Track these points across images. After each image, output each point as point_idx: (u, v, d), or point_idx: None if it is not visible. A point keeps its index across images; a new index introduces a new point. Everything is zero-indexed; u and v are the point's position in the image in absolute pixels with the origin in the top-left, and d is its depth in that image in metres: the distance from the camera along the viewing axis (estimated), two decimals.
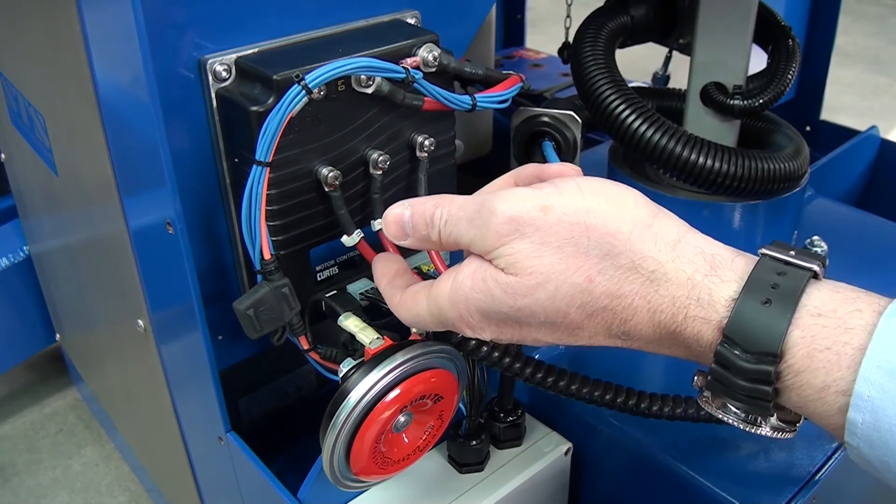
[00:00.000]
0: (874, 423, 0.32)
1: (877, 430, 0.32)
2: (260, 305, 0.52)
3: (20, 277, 1.11)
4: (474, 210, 0.39)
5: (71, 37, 0.57)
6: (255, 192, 0.50)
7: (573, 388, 0.52)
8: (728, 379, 0.35)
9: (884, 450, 0.32)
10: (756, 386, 0.35)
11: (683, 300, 0.36)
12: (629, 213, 0.37)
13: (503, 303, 0.38)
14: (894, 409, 0.31)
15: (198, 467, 0.76)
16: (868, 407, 0.32)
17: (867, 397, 0.32)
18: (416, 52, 0.55)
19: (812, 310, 0.34)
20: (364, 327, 0.51)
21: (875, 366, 0.32)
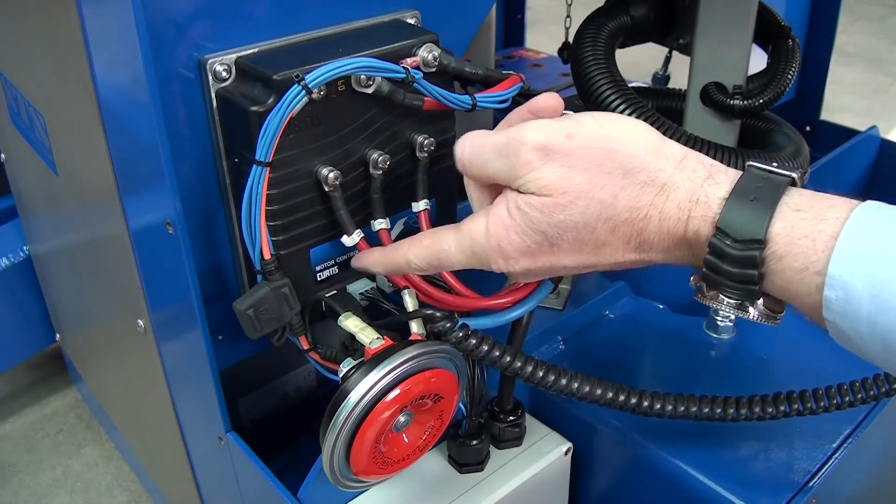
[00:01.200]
0: (845, 298, 0.37)
1: (847, 304, 0.37)
2: (260, 305, 0.52)
3: (20, 277, 1.11)
4: (502, 142, 0.43)
5: (71, 37, 0.57)
6: (254, 192, 0.50)
7: (573, 387, 0.52)
8: (720, 267, 0.41)
9: (854, 320, 0.37)
10: (744, 271, 0.40)
11: (686, 203, 0.41)
12: (642, 139, 0.42)
13: (541, 221, 0.42)
14: (861, 284, 0.36)
15: (198, 467, 0.76)
16: (839, 285, 0.37)
17: (839, 276, 0.37)
18: (416, 52, 0.55)
19: (792, 206, 0.40)
20: (364, 327, 0.51)
21: (845, 250, 0.37)
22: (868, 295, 0.36)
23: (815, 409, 0.56)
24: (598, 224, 0.42)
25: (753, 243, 0.39)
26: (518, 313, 0.53)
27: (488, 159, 0.44)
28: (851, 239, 0.37)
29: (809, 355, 0.69)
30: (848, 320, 0.38)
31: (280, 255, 0.54)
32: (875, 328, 0.37)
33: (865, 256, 0.36)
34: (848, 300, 0.37)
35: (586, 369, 0.53)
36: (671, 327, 0.75)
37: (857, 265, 0.37)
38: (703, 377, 0.70)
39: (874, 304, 0.36)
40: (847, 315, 0.37)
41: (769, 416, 0.56)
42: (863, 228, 0.37)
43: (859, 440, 0.62)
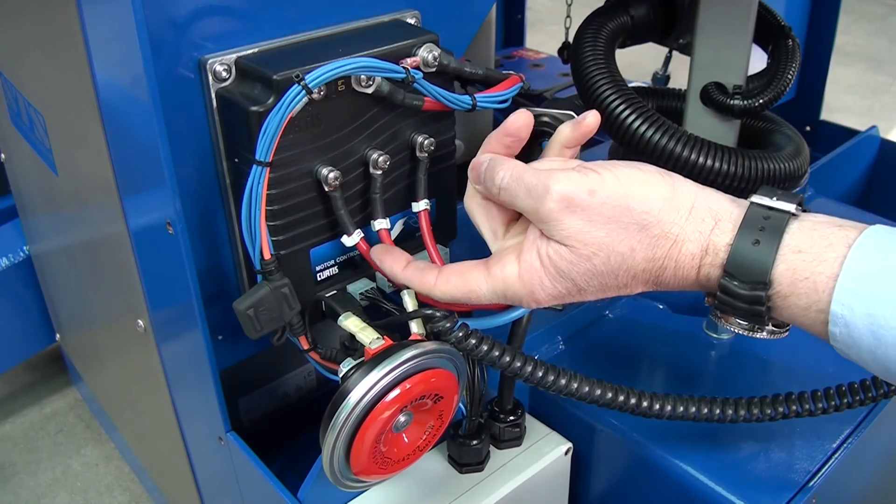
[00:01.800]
0: (847, 332, 0.41)
1: (850, 338, 0.41)
2: (260, 305, 0.52)
3: (20, 277, 1.11)
4: (532, 183, 0.46)
5: (71, 37, 0.57)
6: (254, 192, 0.50)
7: (573, 387, 0.52)
8: (731, 303, 0.44)
9: (857, 350, 0.41)
10: (753, 307, 0.44)
11: (697, 253, 0.45)
12: (656, 191, 0.46)
13: (571, 270, 0.46)
14: (861, 322, 0.40)
15: (198, 467, 0.76)
16: (842, 322, 0.41)
17: (840, 315, 0.41)
18: (416, 52, 0.55)
19: (793, 247, 0.43)
20: (364, 327, 0.51)
21: (844, 290, 0.41)
22: (868, 331, 0.40)
23: (813, 411, 0.56)
24: (620, 272, 0.46)
25: (759, 284, 0.43)
26: (518, 313, 0.53)
27: (519, 194, 0.47)
28: (850, 281, 0.41)
29: (809, 355, 0.70)
30: (852, 350, 0.42)
31: (280, 255, 0.54)
32: (876, 357, 0.41)
33: (863, 295, 0.40)
34: (850, 335, 0.41)
35: (586, 369, 0.53)
36: (671, 327, 0.75)
37: (857, 303, 0.40)
38: (703, 377, 0.70)
39: (874, 339, 0.40)
40: (850, 346, 0.42)
41: (769, 418, 0.56)
42: (860, 265, 0.41)
43: (859, 440, 0.62)
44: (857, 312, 0.41)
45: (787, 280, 0.43)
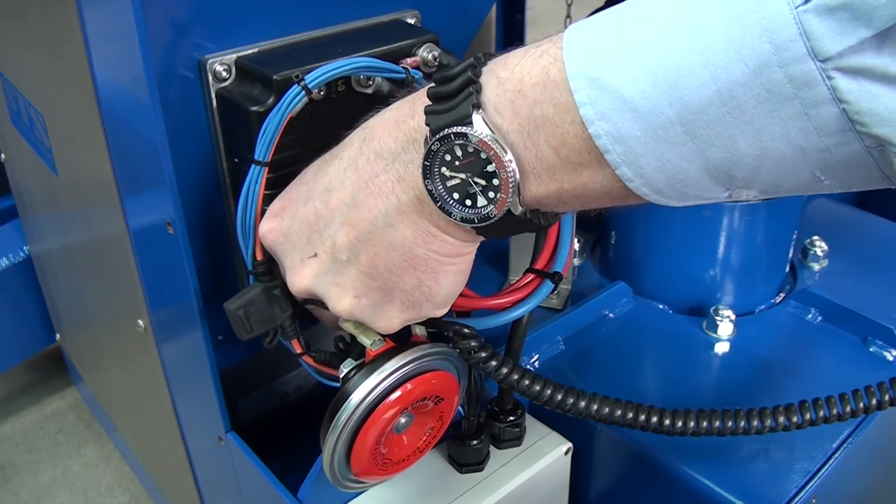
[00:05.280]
0: (614, 129, 0.33)
1: (621, 139, 0.33)
2: (251, 306, 0.52)
3: (20, 277, 1.11)
4: None
5: (71, 37, 0.57)
6: (252, 191, 0.50)
7: (615, 413, 0.50)
8: (438, 95, 0.37)
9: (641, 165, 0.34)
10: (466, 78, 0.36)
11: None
12: None
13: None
14: (610, 107, 0.32)
15: (198, 467, 0.76)
16: (597, 118, 0.33)
17: (588, 104, 0.33)
18: (416, 52, 0.55)
19: (495, 83, 0.36)
20: (364, 329, 0.51)
21: (577, 72, 0.33)
22: (628, 119, 0.32)
23: (842, 415, 0.53)
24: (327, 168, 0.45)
25: (465, 69, 0.36)
26: (518, 313, 0.53)
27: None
28: (578, 61, 0.33)
29: (809, 355, 0.70)
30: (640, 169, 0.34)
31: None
32: (663, 168, 0.33)
33: (597, 65, 0.33)
34: (618, 133, 0.33)
35: (586, 370, 0.53)
36: (671, 327, 0.75)
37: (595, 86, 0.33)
38: (703, 377, 0.70)
39: (641, 129, 0.32)
40: (633, 162, 0.33)
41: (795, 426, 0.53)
42: (580, 42, 0.34)
43: (859, 440, 0.62)
44: (605, 98, 0.32)
45: (506, 108, 0.35)
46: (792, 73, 0.29)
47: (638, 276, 0.78)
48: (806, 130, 0.30)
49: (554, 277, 0.51)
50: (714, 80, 0.30)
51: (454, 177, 0.38)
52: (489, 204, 0.37)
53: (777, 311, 0.76)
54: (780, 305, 0.77)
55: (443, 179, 0.38)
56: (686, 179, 0.34)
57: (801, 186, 0.33)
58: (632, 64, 0.32)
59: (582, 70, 0.33)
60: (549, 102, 0.34)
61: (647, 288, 0.78)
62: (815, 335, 0.73)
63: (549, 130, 0.35)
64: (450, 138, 0.37)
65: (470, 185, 0.38)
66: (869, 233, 0.87)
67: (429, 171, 0.38)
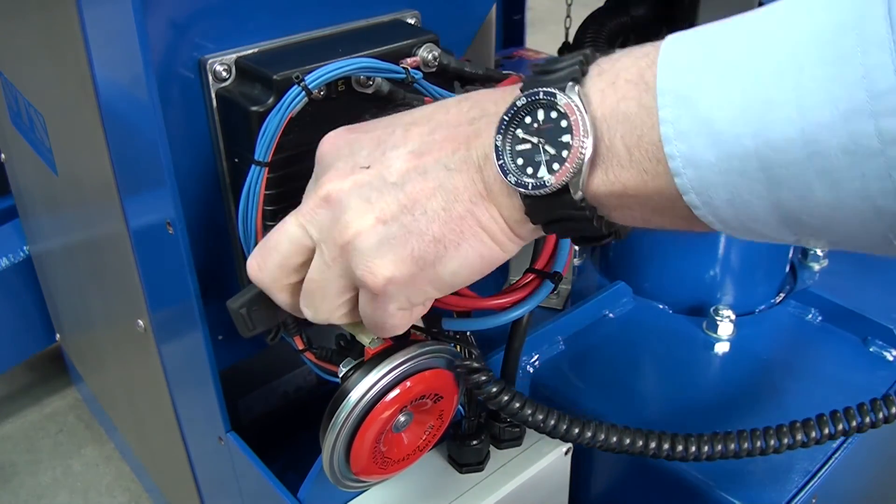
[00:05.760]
0: (690, 153, 0.33)
1: (695, 166, 0.33)
2: (253, 304, 0.52)
3: (20, 277, 1.11)
4: None
5: (71, 37, 0.57)
6: (252, 191, 0.50)
7: (623, 442, 0.49)
8: (541, 70, 0.38)
9: (711, 194, 0.33)
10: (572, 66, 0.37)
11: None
12: None
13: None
14: (696, 131, 0.32)
15: (198, 467, 0.76)
16: (677, 141, 0.33)
17: (671, 122, 0.33)
18: (416, 52, 0.55)
19: (592, 74, 0.36)
20: (363, 327, 0.51)
21: (666, 90, 0.33)
22: (712, 150, 0.32)
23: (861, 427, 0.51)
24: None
25: (575, 59, 0.37)
26: (518, 313, 0.53)
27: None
28: (670, 78, 0.33)
29: (809, 355, 0.70)
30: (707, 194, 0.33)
31: None
32: (733, 203, 0.33)
33: (689, 89, 0.32)
34: (693, 158, 0.33)
35: (586, 370, 0.53)
36: (671, 327, 0.75)
37: (685, 108, 0.33)
38: (703, 377, 0.70)
39: (719, 159, 0.32)
40: (703, 189, 0.33)
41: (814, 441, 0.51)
42: (678, 58, 0.33)
43: (859, 440, 0.62)
44: (687, 119, 0.32)
45: (598, 102, 0.35)
46: (882, 127, 0.28)
47: (638, 276, 0.78)
48: (885, 191, 0.29)
49: (554, 277, 0.51)
50: (801, 118, 0.29)
51: (526, 140, 0.38)
52: (549, 174, 0.37)
53: (777, 311, 0.76)
54: (780, 305, 0.77)
55: (514, 141, 0.38)
56: (754, 216, 0.33)
57: (873, 246, 0.32)
58: (723, 87, 0.31)
59: (672, 86, 0.33)
60: (635, 101, 0.34)
61: (647, 288, 0.78)
62: (815, 335, 0.73)
63: (628, 129, 0.35)
64: (538, 96, 0.37)
65: (538, 153, 0.38)
66: None
67: (504, 127, 0.38)
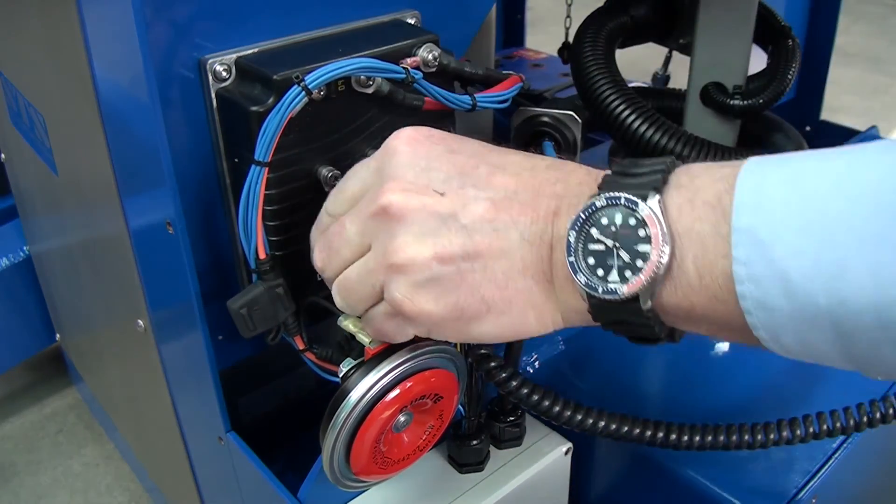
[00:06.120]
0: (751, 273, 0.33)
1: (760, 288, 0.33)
2: (254, 305, 0.52)
3: (20, 277, 1.11)
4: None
5: (71, 37, 0.57)
6: (252, 191, 0.50)
7: (635, 432, 0.48)
8: (622, 173, 0.37)
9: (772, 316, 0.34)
10: (654, 167, 0.36)
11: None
12: None
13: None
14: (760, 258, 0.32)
15: (198, 467, 0.76)
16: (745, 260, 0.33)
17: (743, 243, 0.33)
18: (416, 52, 0.55)
19: (672, 184, 0.36)
20: (364, 327, 0.51)
21: (743, 205, 0.33)
22: (776, 277, 0.32)
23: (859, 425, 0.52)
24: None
25: (656, 165, 0.37)
26: None
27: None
28: (748, 193, 0.33)
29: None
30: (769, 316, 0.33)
31: (279, 256, 0.54)
32: (798, 329, 0.33)
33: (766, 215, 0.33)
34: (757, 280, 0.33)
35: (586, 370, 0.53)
36: None
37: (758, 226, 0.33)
38: (704, 377, 0.70)
39: (784, 288, 0.32)
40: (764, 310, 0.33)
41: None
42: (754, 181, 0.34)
43: (859, 440, 0.62)
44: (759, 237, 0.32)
45: (672, 206, 0.35)
46: None
47: None
48: None
49: None
50: (876, 291, 0.29)
51: (601, 241, 0.37)
52: (621, 282, 0.36)
53: None
54: None
55: (588, 239, 0.37)
56: (821, 356, 0.33)
57: None
58: (800, 239, 0.31)
59: (747, 224, 0.32)
60: (711, 226, 0.34)
61: None
62: None
63: (701, 252, 0.34)
64: (619, 201, 0.36)
65: (611, 256, 0.36)
66: None
67: (579, 224, 0.37)
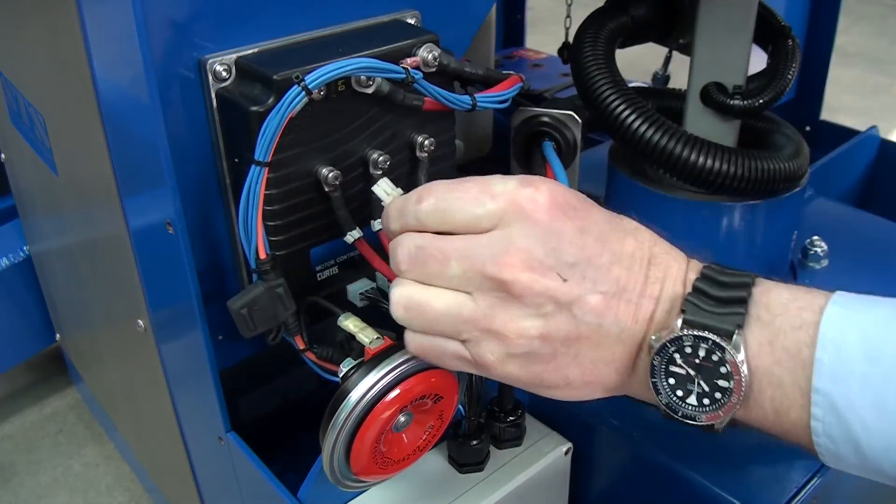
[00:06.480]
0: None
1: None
2: (254, 305, 0.52)
3: (20, 277, 1.11)
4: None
5: (71, 37, 0.57)
6: (252, 191, 0.50)
7: None
8: (706, 293, 0.38)
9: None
10: (734, 293, 0.37)
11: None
12: None
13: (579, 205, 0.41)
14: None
15: (198, 467, 0.76)
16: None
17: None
18: (416, 52, 0.55)
19: (755, 316, 0.38)
20: (364, 327, 0.51)
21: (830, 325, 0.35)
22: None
23: None
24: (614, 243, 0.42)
25: (740, 286, 0.38)
26: None
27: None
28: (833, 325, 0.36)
29: None
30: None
31: (280, 256, 0.54)
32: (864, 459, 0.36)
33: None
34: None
35: None
36: None
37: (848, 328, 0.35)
38: None
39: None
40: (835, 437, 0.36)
41: None
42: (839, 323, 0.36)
43: None
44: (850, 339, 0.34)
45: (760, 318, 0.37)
46: None
47: None
48: None
49: None
50: None
51: (683, 367, 0.38)
52: (699, 410, 0.38)
53: None
54: None
55: (671, 362, 0.38)
56: (881, 482, 0.37)
57: None
58: (875, 418, 0.33)
59: (826, 389, 0.34)
60: (789, 374, 0.36)
61: None
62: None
63: (779, 395, 0.36)
64: (706, 343, 0.37)
65: (691, 382, 0.38)
66: (869, 233, 0.87)
67: (664, 350, 0.38)
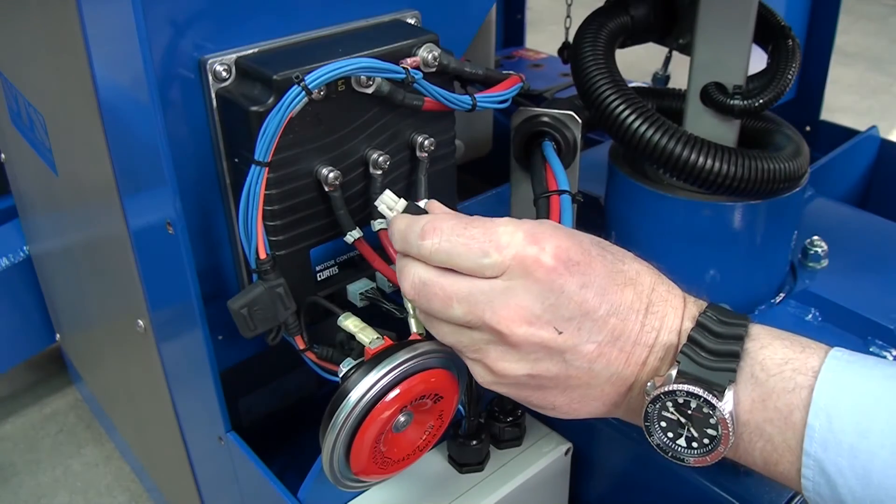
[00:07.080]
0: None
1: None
2: (254, 304, 0.52)
3: (20, 277, 1.11)
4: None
5: (71, 37, 0.57)
6: (252, 191, 0.50)
7: None
8: (701, 344, 0.40)
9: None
10: (728, 346, 0.39)
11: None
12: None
13: (581, 256, 0.42)
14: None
15: (198, 467, 0.76)
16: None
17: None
18: (416, 52, 0.55)
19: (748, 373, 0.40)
20: (364, 327, 0.51)
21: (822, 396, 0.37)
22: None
23: None
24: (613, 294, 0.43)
25: (734, 339, 0.40)
26: None
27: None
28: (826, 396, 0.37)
29: None
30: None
31: (280, 255, 0.54)
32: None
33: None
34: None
35: None
36: None
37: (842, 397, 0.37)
38: None
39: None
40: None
41: None
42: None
43: None
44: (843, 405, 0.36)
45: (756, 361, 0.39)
46: None
47: None
48: None
49: None
50: None
51: (674, 414, 0.40)
52: (688, 453, 0.40)
53: (777, 311, 0.76)
54: (780, 305, 0.77)
55: (663, 408, 0.40)
56: None
57: None
58: (864, 486, 0.35)
59: (818, 457, 0.36)
60: (779, 434, 0.38)
61: None
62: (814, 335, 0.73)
63: (768, 448, 0.38)
64: (696, 397, 0.39)
65: (681, 427, 0.40)
66: (869, 233, 0.87)
67: (658, 399, 0.40)
